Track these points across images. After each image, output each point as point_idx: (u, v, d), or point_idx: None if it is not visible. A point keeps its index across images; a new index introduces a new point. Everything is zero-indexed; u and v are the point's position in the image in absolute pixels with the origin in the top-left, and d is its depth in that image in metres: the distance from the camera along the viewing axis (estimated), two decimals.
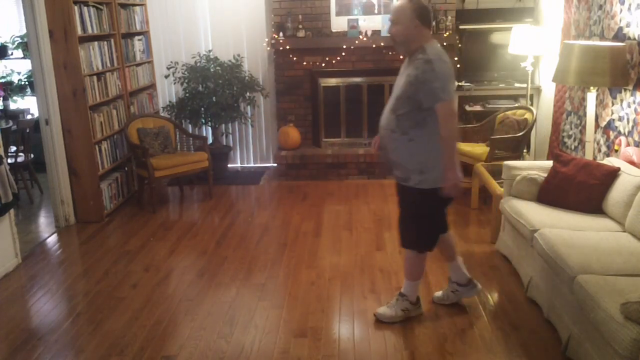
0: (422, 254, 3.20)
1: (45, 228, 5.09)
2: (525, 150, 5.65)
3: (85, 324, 3.38)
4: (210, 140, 6.42)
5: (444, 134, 2.89)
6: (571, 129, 5.09)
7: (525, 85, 5.76)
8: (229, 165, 6.63)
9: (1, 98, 6.85)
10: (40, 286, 3.92)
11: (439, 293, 3.52)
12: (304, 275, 3.95)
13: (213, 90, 5.93)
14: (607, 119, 4.35)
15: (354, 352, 3.04)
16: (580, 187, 3.67)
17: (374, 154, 3.07)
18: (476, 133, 5.69)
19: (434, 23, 5.99)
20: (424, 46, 2.91)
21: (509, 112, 5.51)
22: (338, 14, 6.18)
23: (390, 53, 6.11)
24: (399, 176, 3.07)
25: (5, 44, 7.04)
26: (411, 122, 2.93)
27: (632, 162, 3.73)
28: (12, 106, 7.03)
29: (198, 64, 6.10)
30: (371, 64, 6.20)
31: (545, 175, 3.93)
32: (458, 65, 6.26)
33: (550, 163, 4.03)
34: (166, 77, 6.20)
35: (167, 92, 6.76)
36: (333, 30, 6.20)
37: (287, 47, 6.13)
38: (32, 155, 5.95)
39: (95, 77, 5.07)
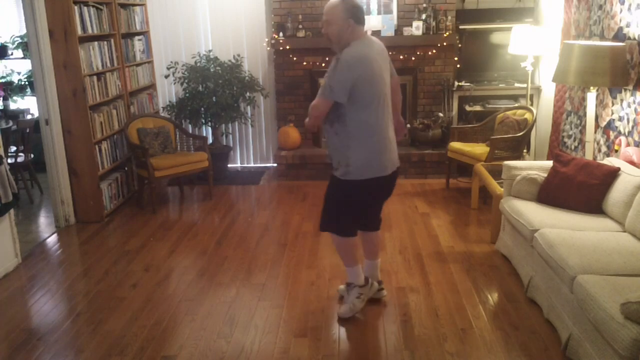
0: (344, 239, 3.27)
1: (45, 228, 5.09)
2: (525, 150, 5.65)
3: (85, 324, 3.39)
4: (210, 140, 6.42)
5: (308, 113, 3.06)
6: (571, 129, 5.09)
7: (525, 85, 5.76)
8: (229, 165, 6.63)
9: (1, 98, 6.85)
10: (40, 286, 3.92)
11: (342, 286, 3.59)
12: (304, 275, 3.95)
13: (213, 90, 5.94)
14: (607, 119, 4.35)
15: (354, 352, 3.04)
16: (580, 187, 3.67)
17: None
18: (476, 133, 5.70)
19: (433, 23, 6.00)
20: (350, 44, 2.98)
21: (509, 112, 5.51)
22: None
23: (390, 53, 6.06)
24: (332, 165, 3.17)
25: (5, 44, 7.04)
26: (333, 116, 3.02)
27: (632, 162, 3.73)
28: (12, 106, 7.03)
29: (198, 64, 6.10)
30: None
31: (545, 175, 3.93)
32: (458, 65, 6.28)
33: (550, 163, 4.03)
34: (166, 77, 6.20)
35: (167, 92, 6.76)
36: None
37: (287, 47, 6.14)
38: (32, 155, 5.95)
39: (95, 77, 5.07)
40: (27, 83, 7.08)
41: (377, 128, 3.05)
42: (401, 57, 6.17)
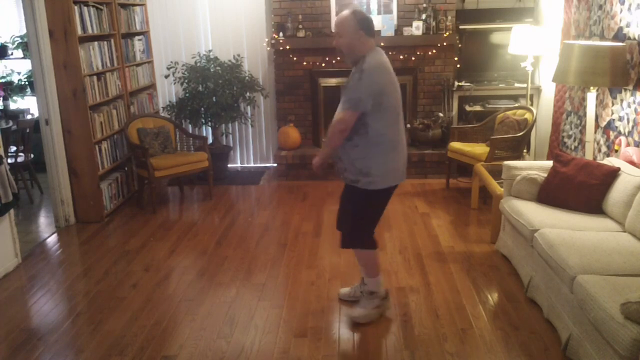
0: (370, 251, 3.27)
1: (45, 228, 5.09)
2: (525, 150, 5.65)
3: (85, 324, 3.39)
4: (210, 140, 6.42)
5: (329, 133, 3.06)
6: (571, 129, 5.09)
7: (525, 85, 5.76)
8: (229, 165, 6.63)
9: (1, 98, 6.85)
10: (40, 286, 3.92)
11: (345, 289, 3.60)
12: (304, 275, 3.95)
13: (213, 91, 5.93)
14: (607, 119, 4.35)
15: (354, 352, 3.04)
16: (580, 187, 3.67)
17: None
18: (476, 133, 5.70)
19: (433, 23, 6.00)
20: (365, 55, 2.99)
21: (509, 112, 5.51)
22: (338, 14, 6.17)
23: (390, 53, 6.10)
24: (351, 178, 3.13)
25: (5, 44, 7.04)
26: (352, 128, 2.99)
27: (632, 162, 3.73)
28: (12, 106, 7.03)
29: (198, 64, 6.10)
30: None
31: (545, 175, 3.93)
32: (458, 65, 6.27)
33: (550, 163, 4.03)
34: (166, 77, 6.20)
35: (167, 92, 6.76)
36: (333, 30, 6.19)
37: (287, 47, 6.14)
38: (32, 155, 5.95)
39: (95, 77, 5.07)
40: (27, 83, 7.08)
41: (397, 135, 3.09)
42: (401, 57, 6.17)
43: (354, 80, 2.97)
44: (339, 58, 6.14)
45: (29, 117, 6.80)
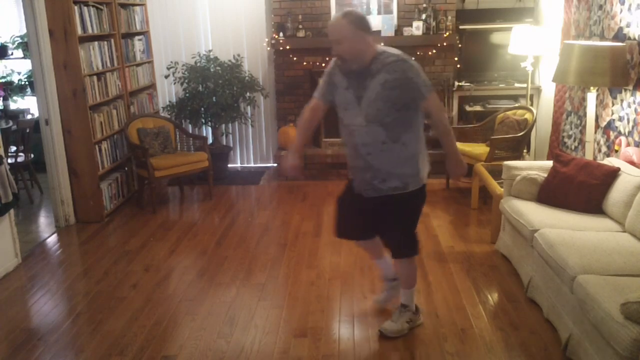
0: (413, 258, 3.15)
1: (45, 228, 5.09)
2: (525, 150, 5.65)
3: (85, 324, 3.38)
4: (210, 140, 6.42)
5: (444, 124, 2.90)
6: (571, 129, 5.09)
7: (525, 85, 5.76)
8: (229, 165, 6.63)
9: (1, 98, 6.85)
10: (40, 286, 3.92)
11: (381, 296, 3.47)
12: (304, 275, 3.95)
13: (213, 91, 5.93)
14: (607, 119, 4.35)
15: (354, 352, 3.04)
16: (580, 187, 3.67)
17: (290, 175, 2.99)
18: (476, 133, 5.69)
19: (433, 23, 6.00)
20: (377, 52, 2.81)
21: (509, 112, 5.51)
22: (338, 14, 6.16)
23: None
24: (396, 186, 2.90)
25: (5, 44, 7.04)
26: (400, 127, 2.83)
27: (632, 162, 3.73)
28: (12, 106, 7.02)
29: (198, 64, 6.10)
30: None
31: (545, 175, 3.93)
32: (458, 65, 6.27)
33: (550, 163, 4.03)
34: (166, 77, 6.20)
35: (167, 92, 6.76)
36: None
37: (287, 47, 6.14)
38: (32, 155, 5.95)
39: (95, 77, 5.07)
40: (27, 83, 7.08)
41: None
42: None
43: (407, 71, 2.74)
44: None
45: (29, 117, 6.80)
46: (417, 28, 5.99)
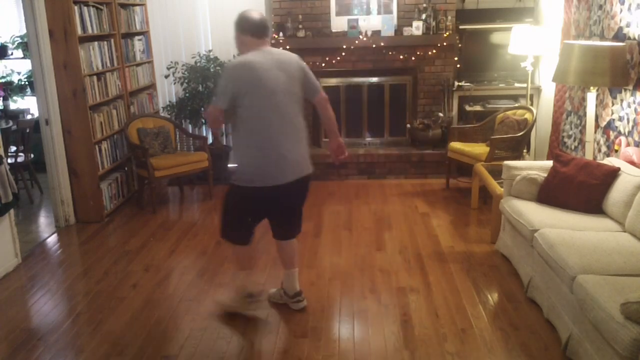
0: (237, 247, 3.41)
1: (45, 228, 5.09)
2: (525, 150, 5.65)
3: (85, 324, 3.39)
4: (210, 140, 6.41)
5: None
6: (571, 129, 5.09)
7: (525, 85, 5.76)
8: (229, 165, 6.62)
9: (1, 98, 6.85)
10: (40, 286, 3.92)
11: (273, 290, 3.63)
12: (304, 275, 3.94)
13: (213, 91, 5.93)
14: (607, 119, 4.35)
15: (354, 352, 3.04)
16: (580, 187, 3.67)
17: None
18: (476, 133, 5.69)
19: (433, 23, 6.00)
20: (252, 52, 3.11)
21: (509, 112, 5.51)
22: (338, 14, 6.18)
23: (390, 53, 6.11)
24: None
25: (5, 44, 7.04)
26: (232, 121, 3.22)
27: (632, 162, 3.73)
28: (12, 106, 7.02)
29: (198, 64, 6.10)
30: (371, 64, 6.19)
31: (545, 175, 3.93)
32: (458, 65, 6.27)
33: (550, 163, 4.03)
34: (166, 77, 6.20)
35: (167, 92, 6.75)
36: (333, 31, 6.20)
37: (287, 47, 6.12)
38: (32, 155, 5.95)
39: (95, 77, 5.07)
40: (27, 83, 7.08)
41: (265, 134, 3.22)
42: (401, 57, 6.16)
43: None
44: (339, 58, 6.16)
45: (29, 117, 6.80)
46: (417, 28, 5.99)
